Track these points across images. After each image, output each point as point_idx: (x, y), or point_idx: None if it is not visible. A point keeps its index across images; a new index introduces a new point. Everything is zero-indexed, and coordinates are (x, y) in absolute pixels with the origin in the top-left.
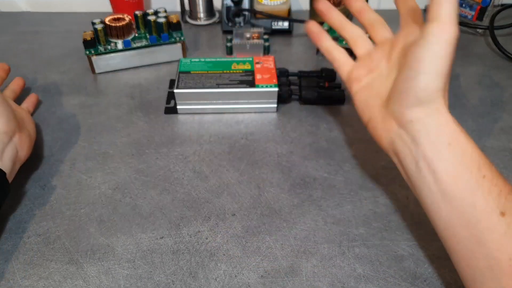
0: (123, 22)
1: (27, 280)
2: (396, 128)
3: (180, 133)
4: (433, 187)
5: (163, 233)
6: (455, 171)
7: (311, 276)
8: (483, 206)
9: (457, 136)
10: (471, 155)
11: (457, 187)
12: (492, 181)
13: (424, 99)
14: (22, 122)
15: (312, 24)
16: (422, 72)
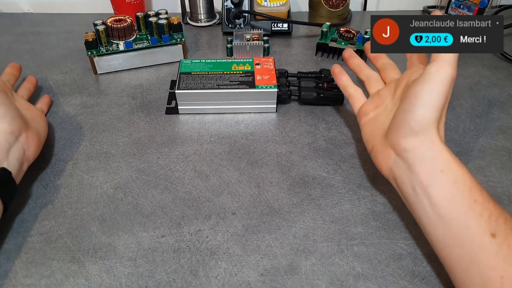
0: (124, 23)
1: (29, 278)
2: (394, 156)
3: (180, 133)
4: (429, 210)
5: (164, 231)
6: (448, 196)
7: (310, 274)
8: (475, 228)
9: (450, 164)
10: (463, 181)
11: (451, 210)
12: (483, 204)
13: (417, 130)
14: (31, 121)
15: (336, 66)
16: (417, 105)
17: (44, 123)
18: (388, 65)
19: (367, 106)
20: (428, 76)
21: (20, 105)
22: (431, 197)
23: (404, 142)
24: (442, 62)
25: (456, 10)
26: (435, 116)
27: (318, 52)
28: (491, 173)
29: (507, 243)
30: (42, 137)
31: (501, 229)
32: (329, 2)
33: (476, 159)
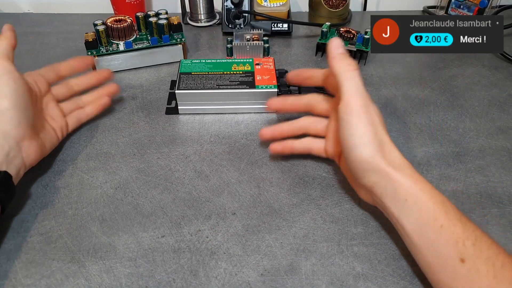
0: (124, 23)
1: (29, 279)
2: (369, 193)
3: (181, 133)
4: (406, 239)
5: (164, 232)
6: (417, 225)
7: (310, 274)
8: (444, 254)
9: (410, 191)
10: (427, 206)
11: (421, 238)
12: (449, 229)
13: (367, 168)
14: (43, 132)
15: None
16: (351, 148)
17: (55, 139)
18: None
19: (329, 147)
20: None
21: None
22: (404, 228)
23: (364, 181)
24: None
25: (456, 10)
26: (374, 146)
27: (318, 52)
28: (491, 173)
29: (476, 267)
30: (45, 149)
31: (469, 253)
32: (329, 2)
33: (476, 159)
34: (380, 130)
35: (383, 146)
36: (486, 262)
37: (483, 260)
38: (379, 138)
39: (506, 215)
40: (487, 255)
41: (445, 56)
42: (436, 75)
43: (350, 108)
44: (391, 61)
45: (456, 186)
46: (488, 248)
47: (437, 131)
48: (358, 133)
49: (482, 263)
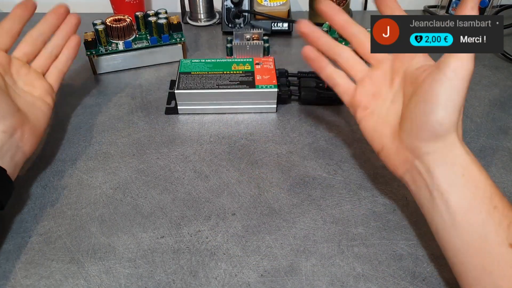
0: (124, 23)
1: (28, 279)
2: (412, 159)
3: (180, 133)
4: (445, 216)
5: (163, 232)
6: (467, 202)
7: (310, 275)
8: (493, 237)
9: (470, 168)
10: (484, 186)
11: (469, 218)
12: (503, 212)
13: (440, 133)
14: (30, 109)
15: (310, 50)
16: (439, 107)
17: (46, 109)
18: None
19: (361, 96)
20: (449, 73)
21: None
22: (449, 202)
23: (425, 146)
24: (465, 58)
25: None
26: (457, 117)
27: None
28: (492, 173)
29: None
30: (41, 129)
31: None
32: None
33: (477, 159)
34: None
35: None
36: None
37: None
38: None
39: None
40: None
41: None
42: None
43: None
44: None
45: None
46: None
47: None
48: (454, 96)
49: None
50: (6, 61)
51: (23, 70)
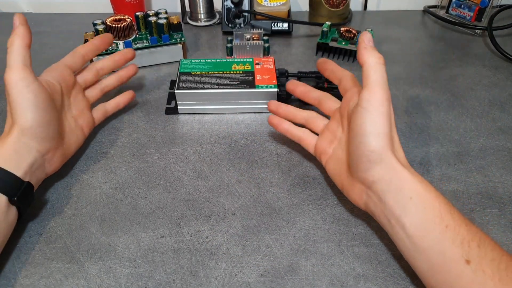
0: (124, 23)
1: (28, 279)
2: (365, 191)
3: (180, 133)
4: (406, 241)
5: (163, 232)
6: (420, 224)
7: (310, 275)
8: (450, 255)
9: (417, 189)
10: (432, 205)
11: (425, 239)
12: (454, 230)
13: (375, 160)
14: (69, 134)
15: (273, 117)
16: (365, 136)
17: (81, 138)
18: (321, 97)
19: (321, 144)
20: (365, 104)
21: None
22: (405, 227)
23: (368, 176)
24: (373, 86)
25: (457, 9)
26: (387, 140)
27: (319, 52)
28: (492, 173)
29: (482, 269)
30: (68, 155)
31: (475, 254)
32: (330, 2)
33: (477, 159)
34: (393, 128)
35: (393, 142)
36: (491, 264)
37: (488, 262)
38: (391, 134)
39: (507, 215)
40: (491, 256)
41: (446, 56)
42: (436, 75)
43: (374, 97)
44: (392, 60)
45: (457, 186)
46: (492, 250)
47: (437, 131)
48: (375, 123)
49: (487, 264)
50: (72, 82)
51: (80, 96)
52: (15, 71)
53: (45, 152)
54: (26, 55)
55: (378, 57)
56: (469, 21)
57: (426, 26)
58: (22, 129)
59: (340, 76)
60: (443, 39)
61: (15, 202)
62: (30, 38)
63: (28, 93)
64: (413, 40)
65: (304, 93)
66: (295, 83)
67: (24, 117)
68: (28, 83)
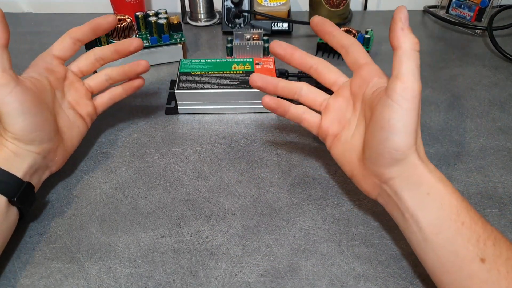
0: (124, 23)
1: (28, 279)
2: (379, 184)
3: (180, 133)
4: (418, 236)
5: (163, 232)
6: (436, 220)
7: (310, 275)
8: (464, 253)
9: (435, 185)
10: (450, 202)
11: (439, 235)
12: (470, 227)
13: (399, 158)
14: (68, 130)
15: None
16: (393, 133)
17: (83, 129)
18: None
19: (327, 125)
20: (396, 97)
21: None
22: (419, 222)
23: (388, 172)
24: (407, 78)
25: (457, 9)
26: (413, 139)
27: (319, 52)
28: (492, 173)
29: (497, 268)
30: (72, 149)
31: (490, 253)
32: (330, 2)
33: (477, 159)
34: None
35: (418, 139)
36: (506, 263)
37: (503, 261)
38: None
39: (507, 215)
40: (506, 256)
41: (446, 56)
42: (436, 75)
43: (407, 91)
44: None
45: (457, 186)
46: (507, 249)
47: (438, 131)
48: (405, 120)
49: (502, 264)
50: (62, 74)
51: (75, 85)
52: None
53: (45, 153)
54: (3, 57)
55: (414, 42)
56: (469, 21)
57: (426, 26)
58: (15, 137)
59: (347, 44)
60: (443, 39)
61: (15, 203)
62: (7, 37)
63: (13, 101)
64: None
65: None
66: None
67: (13, 126)
68: (10, 89)
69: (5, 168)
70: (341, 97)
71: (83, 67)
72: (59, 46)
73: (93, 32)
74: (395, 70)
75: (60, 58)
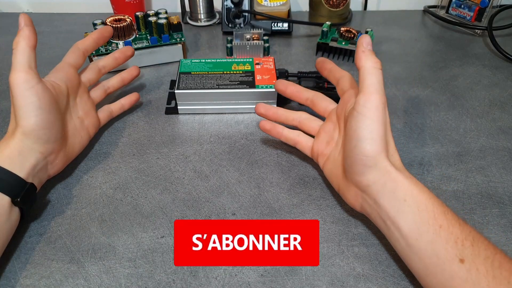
0: (124, 23)
1: (28, 279)
2: (360, 194)
3: (180, 133)
4: (401, 242)
5: (163, 232)
6: (414, 225)
7: (310, 275)
8: (443, 255)
9: (411, 191)
10: (426, 206)
11: (419, 240)
12: (448, 229)
13: (369, 164)
14: (73, 135)
15: (265, 123)
16: (360, 140)
17: (86, 139)
18: (314, 97)
19: (318, 146)
20: (361, 109)
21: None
22: (400, 229)
23: (363, 179)
24: (369, 91)
25: (457, 9)
26: (381, 145)
27: (319, 52)
28: (492, 173)
29: (476, 267)
30: (72, 156)
31: (468, 253)
32: (330, 2)
33: (477, 159)
34: (388, 132)
35: (388, 147)
36: (485, 262)
37: (482, 260)
38: (386, 138)
39: (506, 215)
40: (485, 255)
41: (446, 56)
42: (436, 75)
43: (370, 102)
44: (392, 61)
45: (457, 186)
46: (485, 248)
47: (438, 131)
48: (370, 127)
49: (481, 263)
50: (77, 82)
51: (85, 96)
52: (19, 73)
53: (47, 154)
54: (31, 56)
55: (375, 61)
56: (469, 21)
57: (426, 26)
58: (24, 131)
59: (338, 76)
60: (443, 39)
61: (18, 203)
62: (35, 39)
63: (32, 95)
64: (413, 40)
65: (295, 93)
66: (284, 83)
67: (27, 120)
68: (32, 85)
69: (8, 168)
70: (330, 121)
71: (90, 76)
72: (73, 55)
73: (96, 42)
74: (360, 87)
75: (75, 67)
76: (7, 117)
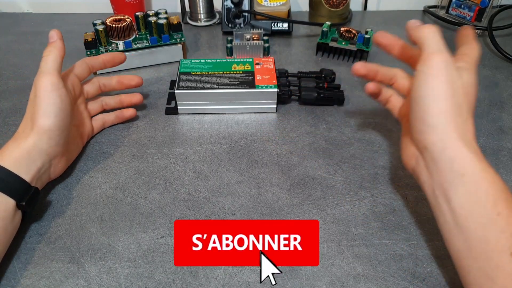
0: (124, 23)
1: (28, 279)
2: (416, 154)
3: (180, 133)
4: (448, 215)
5: (163, 232)
6: (468, 204)
7: (310, 275)
8: (494, 243)
9: (472, 168)
10: (487, 189)
11: (470, 220)
12: (507, 219)
13: (430, 123)
14: (73, 140)
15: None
16: (421, 96)
17: (80, 146)
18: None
19: (404, 108)
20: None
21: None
22: (450, 202)
23: (422, 139)
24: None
25: (457, 10)
26: (444, 105)
27: (319, 52)
28: None
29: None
30: (69, 162)
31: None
32: (330, 2)
33: None
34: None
35: (459, 113)
36: None
37: None
38: (457, 103)
39: None
40: None
41: None
42: None
43: (431, 60)
44: (392, 61)
45: None
46: None
47: None
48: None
49: None
50: (79, 92)
51: (83, 105)
52: (48, 75)
53: (53, 156)
54: (60, 64)
55: (429, 26)
56: (469, 21)
57: None
58: (40, 130)
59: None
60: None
61: (23, 207)
62: (65, 52)
63: (56, 97)
64: None
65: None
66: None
67: (46, 119)
68: (58, 88)
69: (15, 171)
70: None
71: (90, 89)
72: (79, 68)
73: (104, 64)
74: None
75: (79, 78)
76: (7, 117)
